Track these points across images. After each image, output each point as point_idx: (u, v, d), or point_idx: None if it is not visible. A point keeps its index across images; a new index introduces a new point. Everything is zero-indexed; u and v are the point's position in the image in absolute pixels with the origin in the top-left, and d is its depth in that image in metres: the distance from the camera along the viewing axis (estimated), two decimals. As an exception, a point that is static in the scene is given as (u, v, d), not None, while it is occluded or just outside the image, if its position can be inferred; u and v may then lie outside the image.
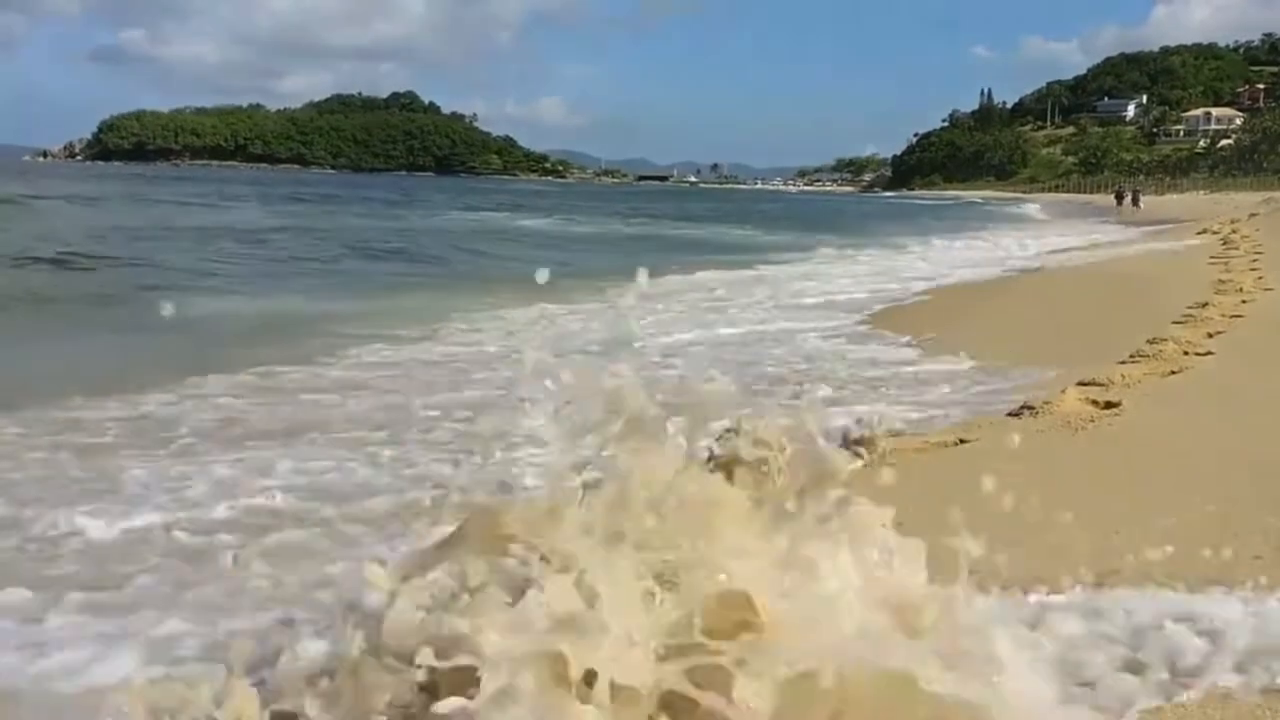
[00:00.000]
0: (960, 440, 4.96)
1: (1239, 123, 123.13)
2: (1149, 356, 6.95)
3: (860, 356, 8.67)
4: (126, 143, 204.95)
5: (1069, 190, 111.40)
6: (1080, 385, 5.90)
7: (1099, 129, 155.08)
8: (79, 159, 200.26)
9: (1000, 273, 17.81)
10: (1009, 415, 5.53)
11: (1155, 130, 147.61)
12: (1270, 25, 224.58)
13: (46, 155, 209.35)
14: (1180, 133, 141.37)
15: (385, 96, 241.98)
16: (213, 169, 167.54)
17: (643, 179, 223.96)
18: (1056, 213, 64.42)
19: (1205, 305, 9.55)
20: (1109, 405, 5.58)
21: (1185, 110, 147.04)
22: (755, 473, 2.27)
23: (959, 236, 33.93)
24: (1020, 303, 12.79)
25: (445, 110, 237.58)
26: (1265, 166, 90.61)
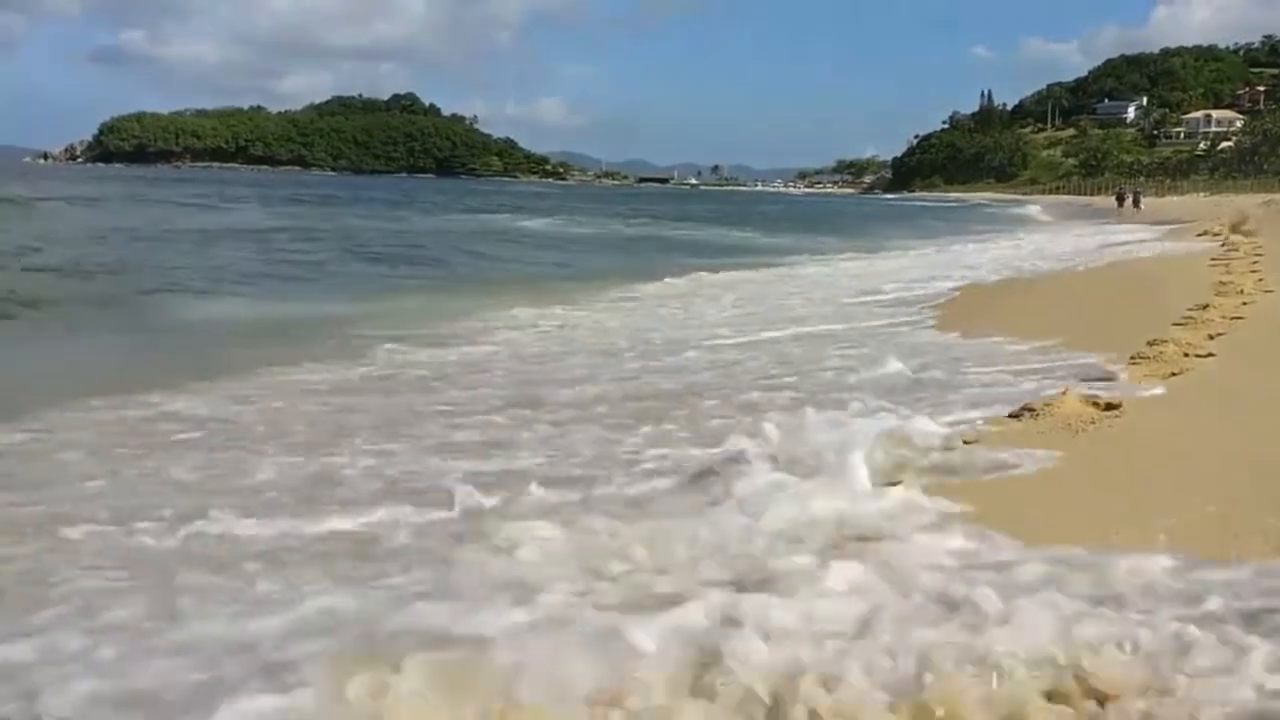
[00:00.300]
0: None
1: (1239, 125, 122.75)
2: (1149, 358, 6.96)
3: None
4: (127, 144, 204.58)
5: (1069, 192, 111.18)
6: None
7: (1099, 131, 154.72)
8: (80, 161, 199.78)
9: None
10: (1009, 416, 5.55)
11: (1155, 132, 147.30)
12: (1270, 27, 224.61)
13: (47, 157, 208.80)
14: (1180, 135, 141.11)
15: (386, 98, 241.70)
16: (213, 171, 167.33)
17: (643, 181, 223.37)
18: (1059, 214, 64.36)
19: (1206, 307, 9.54)
20: (1110, 407, 5.60)
21: (1185, 112, 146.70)
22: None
23: (970, 239, 34.02)
24: (1026, 303, 12.80)
25: (446, 112, 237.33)
26: (1265, 169, 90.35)
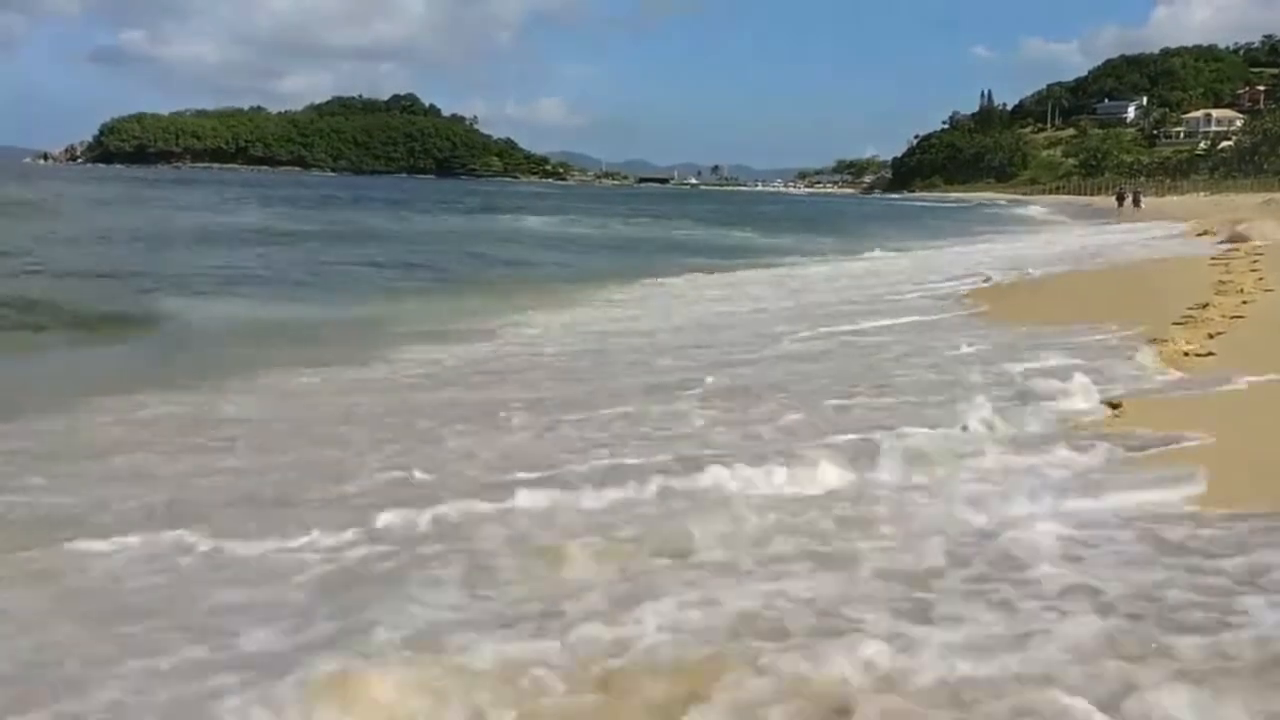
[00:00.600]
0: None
1: (1239, 124, 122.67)
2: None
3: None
4: (128, 145, 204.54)
5: (1069, 192, 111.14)
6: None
7: (1099, 131, 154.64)
8: (80, 161, 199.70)
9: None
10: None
11: (1155, 132, 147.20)
12: (1270, 27, 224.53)
13: (47, 158, 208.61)
14: (1180, 134, 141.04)
15: (386, 99, 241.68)
16: (213, 171, 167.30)
17: (643, 181, 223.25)
18: (1061, 214, 64.30)
19: (1206, 306, 9.59)
20: (1112, 406, 5.64)
21: (1185, 112, 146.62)
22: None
23: (974, 240, 34.08)
24: (1032, 302, 12.84)
25: (445, 112, 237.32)
26: (1266, 168, 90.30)
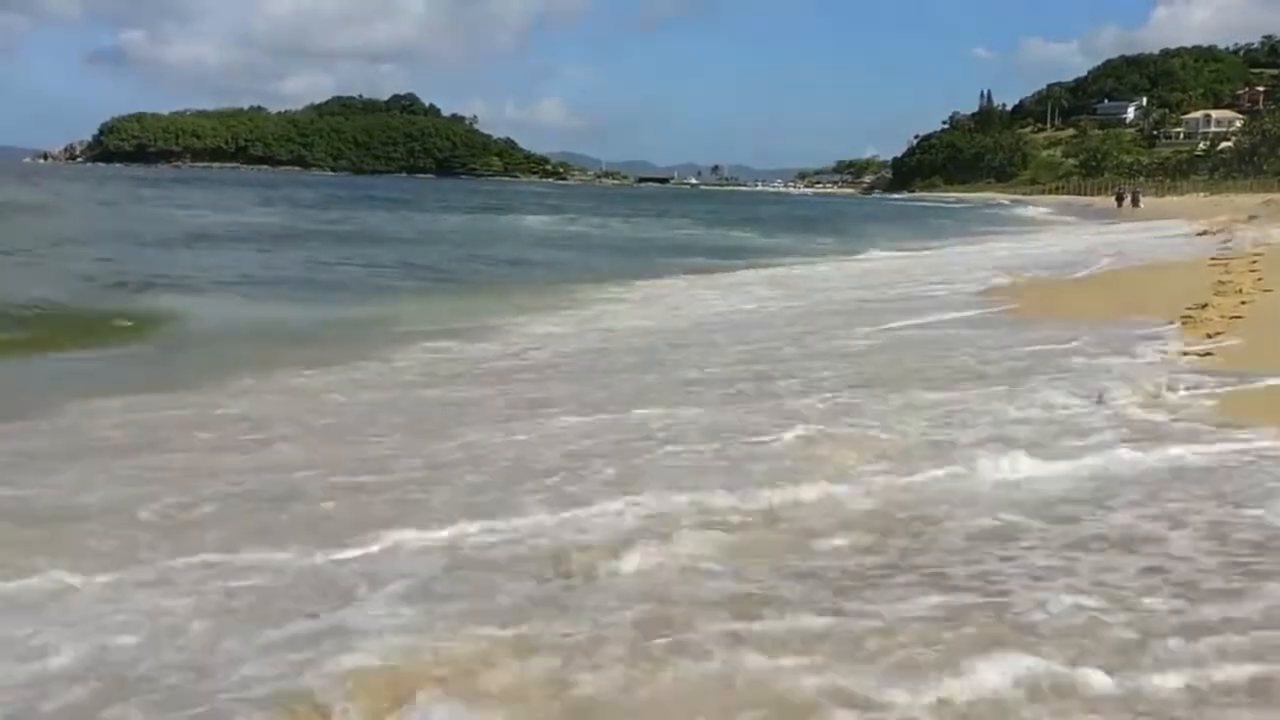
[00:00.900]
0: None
1: (1239, 125, 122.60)
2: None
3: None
4: (127, 145, 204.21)
5: (1069, 192, 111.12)
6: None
7: (1099, 131, 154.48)
8: (80, 160, 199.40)
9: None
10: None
11: (1155, 132, 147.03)
12: (1270, 27, 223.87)
13: (47, 157, 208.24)
14: (1180, 135, 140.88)
15: (386, 99, 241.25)
16: (213, 171, 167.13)
17: (643, 181, 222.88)
18: (1061, 214, 64.25)
19: (1205, 306, 9.64)
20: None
21: (1185, 112, 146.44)
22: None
23: (979, 240, 34.19)
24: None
25: (445, 112, 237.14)
26: (1265, 169, 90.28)
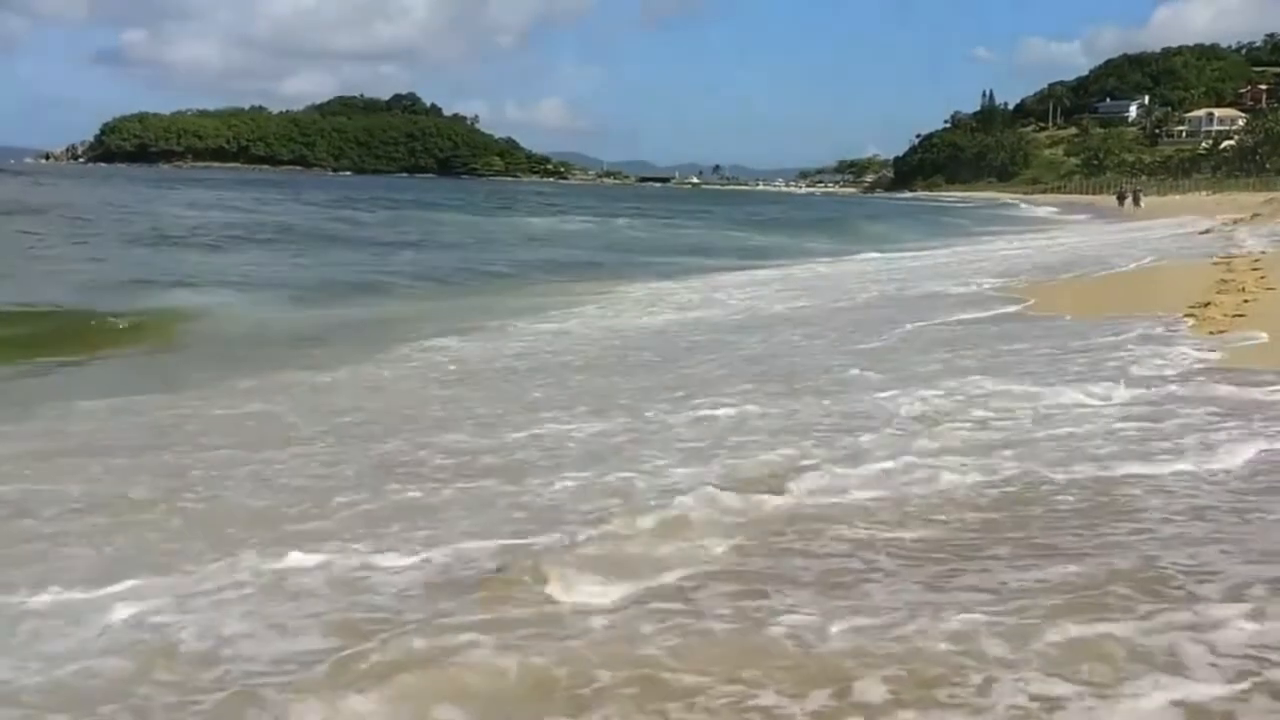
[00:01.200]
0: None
1: (1241, 123, 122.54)
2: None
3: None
4: (129, 144, 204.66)
5: (1071, 191, 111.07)
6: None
7: (1101, 130, 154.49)
8: (81, 161, 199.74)
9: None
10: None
11: (1157, 131, 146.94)
12: (1272, 25, 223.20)
13: (49, 157, 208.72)
14: (1183, 133, 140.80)
15: (387, 98, 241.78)
16: (213, 170, 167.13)
17: (644, 180, 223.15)
18: (1065, 213, 64.18)
19: (1208, 305, 9.55)
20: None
21: (1187, 111, 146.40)
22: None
23: (987, 239, 34.16)
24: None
25: (447, 112, 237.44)
26: (1268, 167, 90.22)
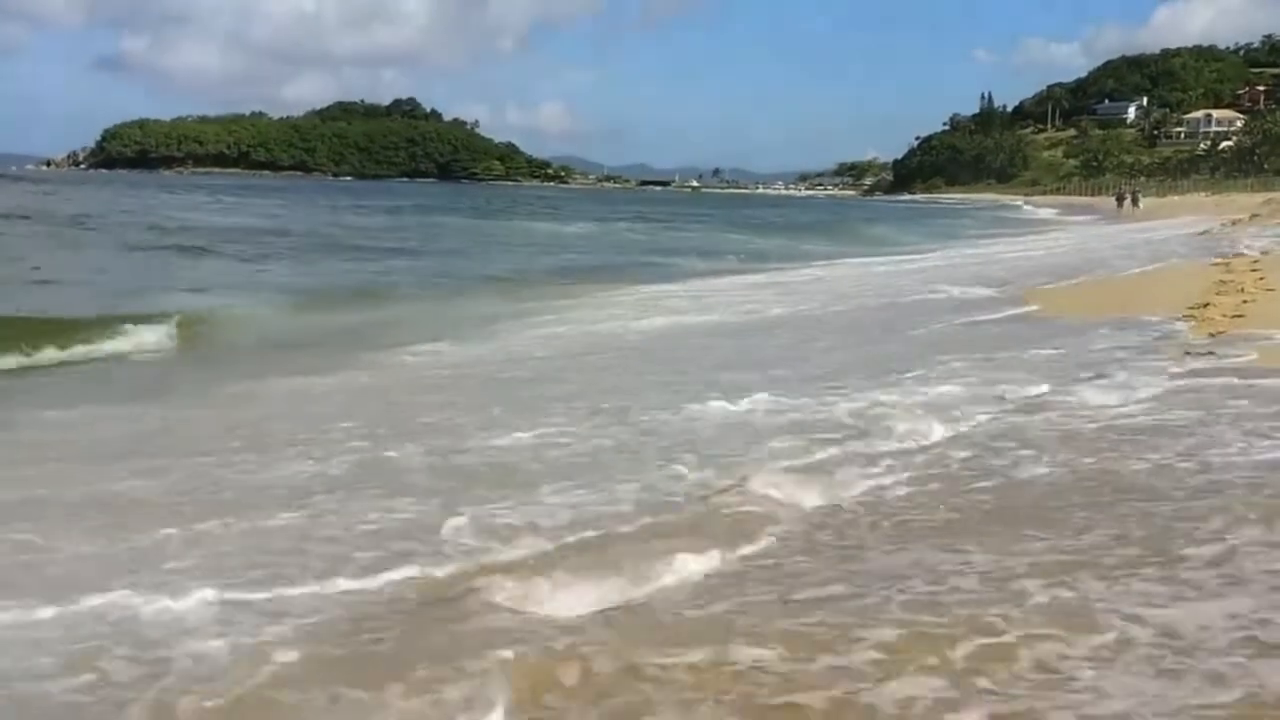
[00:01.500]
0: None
1: (1240, 124, 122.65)
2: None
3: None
4: (130, 151, 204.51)
5: (1070, 193, 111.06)
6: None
7: (1100, 131, 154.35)
8: (82, 167, 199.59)
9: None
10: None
11: (1156, 132, 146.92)
12: (1270, 27, 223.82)
13: (50, 164, 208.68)
14: (1181, 135, 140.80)
15: (387, 103, 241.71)
16: (215, 176, 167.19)
17: (645, 184, 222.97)
18: (1065, 214, 64.14)
19: (1207, 305, 9.71)
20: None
21: (1186, 112, 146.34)
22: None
23: (990, 242, 34.39)
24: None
25: (447, 117, 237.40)
26: (1266, 168, 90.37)
